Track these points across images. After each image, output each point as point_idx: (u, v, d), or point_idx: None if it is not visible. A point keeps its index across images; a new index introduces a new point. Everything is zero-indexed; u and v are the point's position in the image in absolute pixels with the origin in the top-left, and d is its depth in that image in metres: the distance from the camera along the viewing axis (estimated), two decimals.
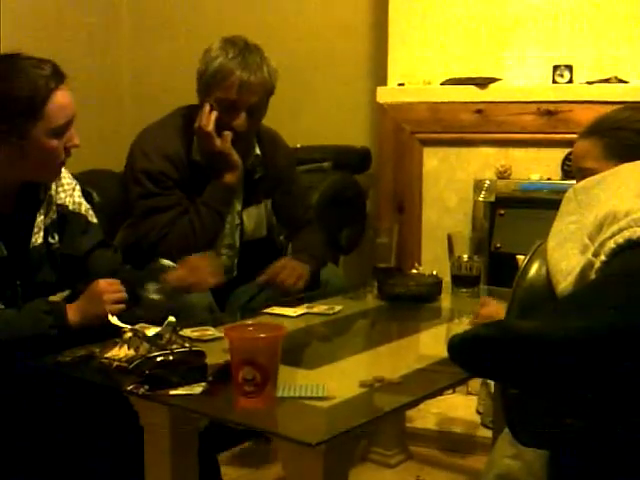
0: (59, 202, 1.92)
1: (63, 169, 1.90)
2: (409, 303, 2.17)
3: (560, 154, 2.90)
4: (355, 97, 3.47)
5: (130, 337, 1.59)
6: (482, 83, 2.98)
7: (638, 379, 0.91)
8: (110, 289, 1.80)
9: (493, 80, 2.98)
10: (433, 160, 3.09)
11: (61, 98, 1.75)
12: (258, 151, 2.40)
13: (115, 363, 1.54)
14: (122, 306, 1.80)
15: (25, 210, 1.85)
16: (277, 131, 2.53)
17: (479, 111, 2.98)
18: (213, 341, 1.73)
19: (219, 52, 2.23)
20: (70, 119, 1.78)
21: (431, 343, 1.97)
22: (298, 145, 3.21)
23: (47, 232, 1.88)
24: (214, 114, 2.22)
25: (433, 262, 2.71)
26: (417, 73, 3.08)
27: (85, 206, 1.99)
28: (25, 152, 1.74)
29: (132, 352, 1.55)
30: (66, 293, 1.88)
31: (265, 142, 2.43)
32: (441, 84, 3.04)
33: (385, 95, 3.09)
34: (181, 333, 1.72)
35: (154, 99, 3.39)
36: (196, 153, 2.31)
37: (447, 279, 2.30)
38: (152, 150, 2.27)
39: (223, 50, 2.23)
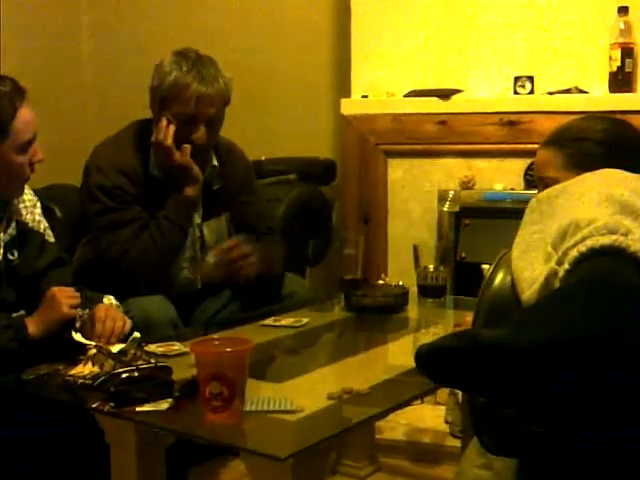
0: (19, 218, 1.90)
1: (25, 185, 1.89)
2: (376, 314, 2.17)
3: (522, 164, 2.93)
4: (319, 109, 3.47)
5: (94, 354, 1.57)
6: (445, 95, 3.00)
7: (601, 386, 0.92)
8: (64, 293, 1.80)
9: (456, 92, 3.01)
10: (398, 171, 3.11)
11: (26, 114, 1.78)
12: (215, 162, 2.39)
13: (80, 380, 1.53)
14: (78, 311, 1.80)
15: None
16: (236, 144, 2.52)
17: (442, 122, 3.01)
18: (179, 356, 1.72)
19: (173, 66, 2.21)
20: (34, 134, 1.79)
21: (399, 353, 1.97)
22: (263, 157, 3.20)
23: (6, 248, 1.86)
24: (172, 128, 2.21)
25: (399, 273, 2.71)
26: (380, 85, 3.10)
27: (44, 224, 1.98)
28: None
29: (97, 369, 1.54)
30: (21, 313, 1.85)
31: (222, 153, 2.42)
32: (404, 96, 3.06)
33: (349, 107, 3.10)
34: (146, 349, 1.71)
35: (117, 113, 3.37)
36: (153, 167, 2.29)
37: (413, 289, 2.30)
38: (107, 165, 2.25)
39: (177, 64, 2.21)
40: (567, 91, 2.88)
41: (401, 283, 2.31)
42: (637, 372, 0.91)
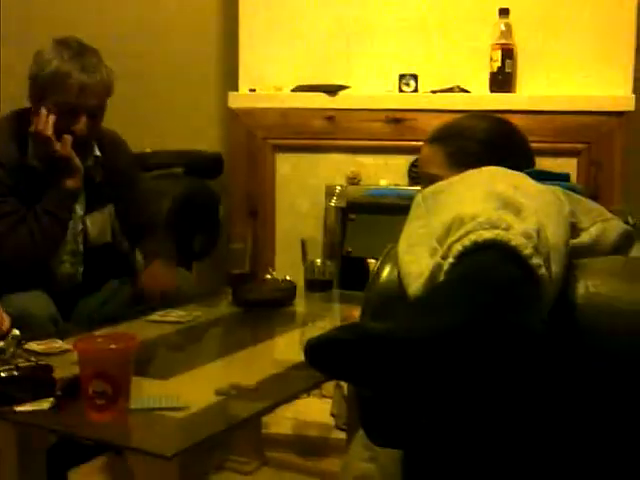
0: None
1: None
2: (264, 308, 2.17)
3: (407, 161, 2.99)
4: (206, 102, 3.44)
5: None
6: (332, 90, 3.02)
7: (483, 377, 0.95)
8: None
9: (342, 88, 3.04)
10: (285, 166, 3.11)
11: None
12: (98, 152, 2.33)
13: None
14: None
15: None
16: (121, 135, 2.46)
17: (329, 118, 3.03)
18: (60, 354, 1.67)
19: (53, 54, 2.15)
20: None
21: (286, 348, 1.98)
22: (148, 150, 3.14)
23: None
24: (52, 118, 2.14)
25: (287, 267, 2.72)
26: (268, 79, 3.09)
27: None
28: None
29: None
30: None
31: (105, 143, 2.36)
32: (292, 90, 3.06)
33: (236, 100, 3.08)
34: (26, 347, 1.66)
35: None
36: (32, 158, 2.21)
37: (301, 284, 2.32)
38: None
39: (58, 53, 2.15)
40: (450, 90, 2.96)
41: (288, 277, 2.31)
42: (510, 363, 0.94)
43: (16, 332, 1.52)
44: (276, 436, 2.71)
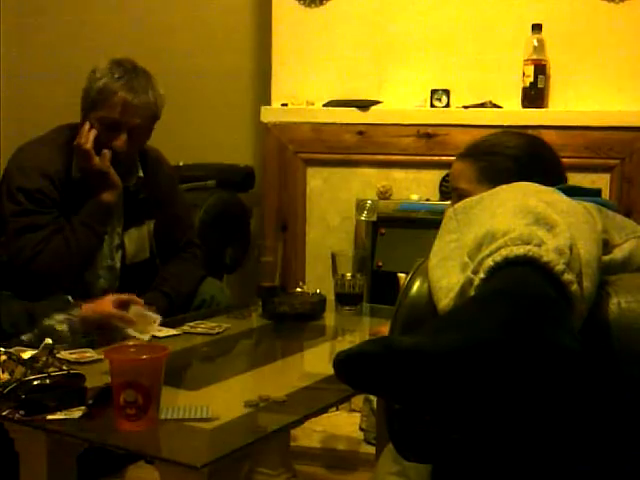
0: None
1: None
2: (293, 321, 2.18)
3: (438, 176, 2.98)
4: (238, 116, 3.47)
5: (4, 360, 1.52)
6: (363, 105, 3.03)
7: (512, 392, 0.94)
8: None
9: (374, 103, 3.04)
10: (316, 180, 3.13)
11: None
12: (141, 173, 2.37)
13: None
14: None
15: None
16: (159, 150, 2.50)
17: (360, 132, 3.04)
18: (92, 363, 1.69)
19: (105, 72, 2.21)
20: None
21: (316, 361, 1.98)
22: (180, 163, 3.18)
23: None
24: (93, 132, 2.19)
25: (317, 280, 2.73)
26: (300, 93, 3.11)
27: None
28: None
29: (7, 376, 1.49)
30: None
31: (149, 163, 2.40)
32: (323, 105, 3.08)
33: (269, 115, 3.11)
34: (58, 355, 1.67)
35: (30, 116, 3.31)
36: (75, 171, 2.26)
37: (331, 297, 2.32)
38: (30, 167, 2.22)
39: (109, 71, 2.21)
40: (481, 105, 2.96)
41: (318, 291, 2.32)
42: (543, 378, 0.94)
43: (49, 341, 1.53)
44: (305, 449, 2.70)
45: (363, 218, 3.02)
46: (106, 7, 3.63)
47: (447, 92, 2.98)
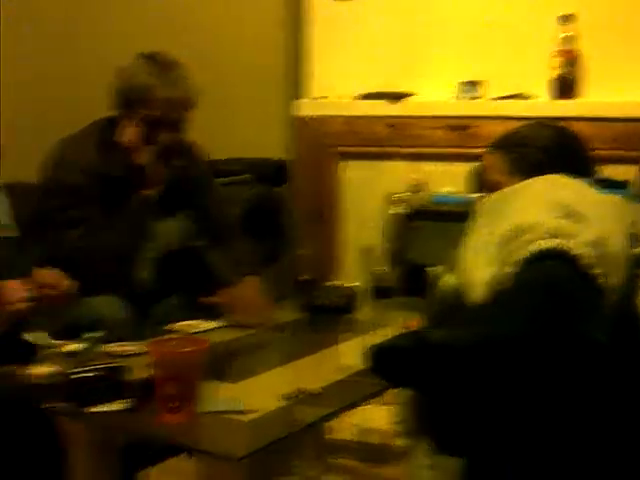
0: None
1: None
2: (329, 314, 2.20)
3: (469, 168, 2.97)
4: (272, 111, 3.48)
5: (49, 354, 1.56)
6: (394, 97, 3.04)
7: (541, 383, 0.96)
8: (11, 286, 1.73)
9: (406, 95, 3.05)
10: (350, 173, 3.14)
11: None
12: (177, 163, 2.39)
13: (34, 380, 1.52)
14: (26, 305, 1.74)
15: None
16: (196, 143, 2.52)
17: (392, 125, 3.05)
18: (135, 356, 1.72)
19: (139, 69, 2.21)
20: None
21: (350, 354, 1.99)
22: (212, 157, 3.20)
23: None
24: (134, 129, 2.21)
25: (350, 274, 2.74)
26: (333, 87, 3.13)
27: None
28: None
29: (52, 369, 1.53)
30: None
31: (184, 153, 2.42)
32: (355, 98, 3.09)
33: (302, 109, 3.12)
34: (102, 349, 1.70)
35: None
36: (114, 167, 2.29)
37: (364, 290, 2.33)
38: (68, 163, 2.24)
39: (143, 66, 2.21)
40: (513, 97, 2.95)
41: (352, 284, 2.34)
42: (573, 371, 0.95)
43: (92, 334, 1.57)
44: (339, 442, 2.72)
45: (395, 211, 3.02)
46: (140, 4, 3.66)
47: (479, 84, 2.98)
